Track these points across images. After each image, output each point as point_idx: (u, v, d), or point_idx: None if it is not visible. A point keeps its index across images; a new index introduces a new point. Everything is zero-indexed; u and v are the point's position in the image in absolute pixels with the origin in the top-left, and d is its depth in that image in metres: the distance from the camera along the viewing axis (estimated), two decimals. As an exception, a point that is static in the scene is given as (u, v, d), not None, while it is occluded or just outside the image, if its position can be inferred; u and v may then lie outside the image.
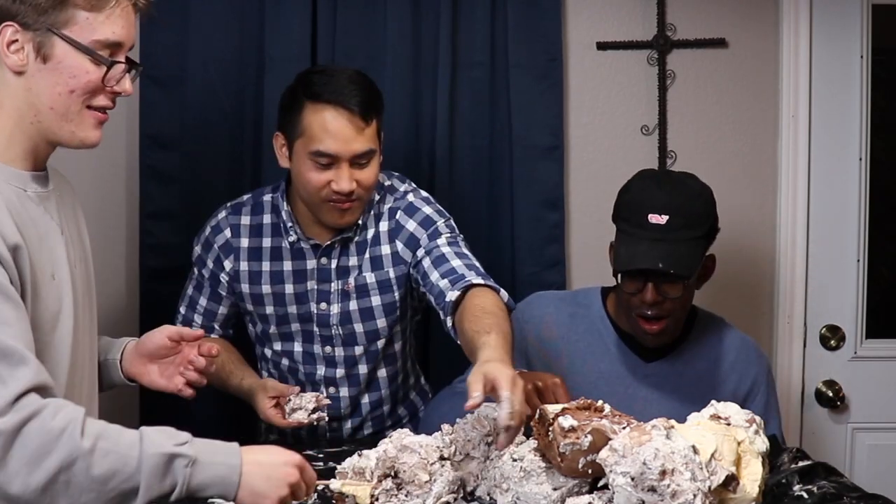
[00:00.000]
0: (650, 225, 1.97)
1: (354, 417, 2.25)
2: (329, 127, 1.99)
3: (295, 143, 2.05)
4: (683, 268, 1.95)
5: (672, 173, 2.09)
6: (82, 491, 1.28)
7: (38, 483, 1.26)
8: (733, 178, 2.74)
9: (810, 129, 2.71)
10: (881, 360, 2.77)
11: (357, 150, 2.01)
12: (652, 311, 2.01)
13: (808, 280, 2.74)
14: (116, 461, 1.30)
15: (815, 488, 1.65)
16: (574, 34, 2.70)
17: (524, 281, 2.65)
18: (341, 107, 2.00)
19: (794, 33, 2.69)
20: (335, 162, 2.01)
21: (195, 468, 1.34)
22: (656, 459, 1.36)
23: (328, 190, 2.02)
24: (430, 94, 2.61)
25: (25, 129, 1.46)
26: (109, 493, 1.30)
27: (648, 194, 2.01)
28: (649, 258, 1.95)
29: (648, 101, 2.73)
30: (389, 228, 2.16)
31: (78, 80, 1.44)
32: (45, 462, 1.27)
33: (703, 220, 2.01)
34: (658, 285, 1.98)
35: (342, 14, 2.58)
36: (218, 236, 2.19)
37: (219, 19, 2.56)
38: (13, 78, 1.44)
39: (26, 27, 1.41)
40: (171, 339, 1.71)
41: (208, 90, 2.56)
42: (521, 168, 2.64)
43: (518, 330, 2.10)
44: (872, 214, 2.74)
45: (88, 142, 1.50)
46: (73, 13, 1.42)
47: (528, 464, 1.54)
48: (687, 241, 1.97)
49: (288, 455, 1.43)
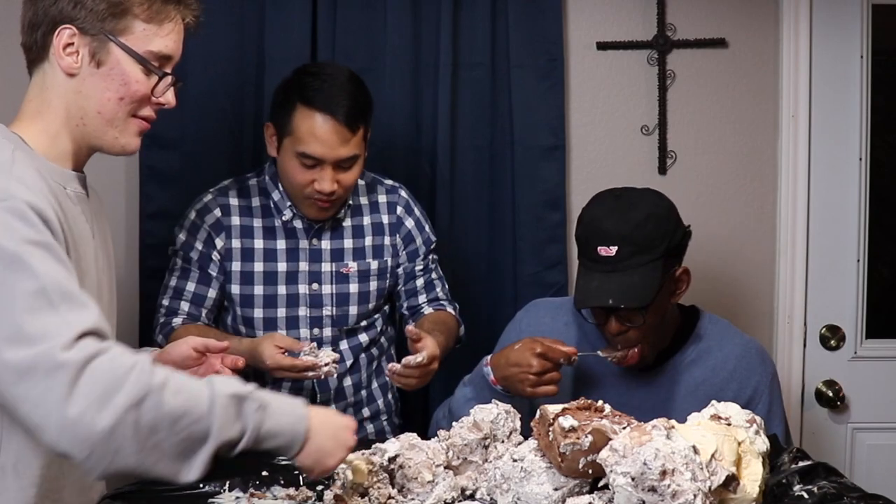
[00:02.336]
0: (601, 258, 1.94)
1: (339, 401, 2.28)
2: (317, 132, 2.09)
3: (284, 139, 2.14)
4: (635, 299, 1.91)
5: (624, 196, 2.01)
6: (151, 431, 1.24)
7: (106, 424, 1.21)
8: (733, 178, 2.74)
9: (810, 129, 2.71)
10: (881, 360, 2.77)
11: (342, 155, 2.12)
12: (621, 342, 1.99)
13: (808, 280, 2.74)
14: (188, 400, 1.27)
15: (816, 488, 1.64)
16: (574, 34, 2.70)
17: (525, 281, 2.65)
18: (329, 115, 2.09)
19: (794, 33, 2.69)
20: (319, 164, 2.11)
21: (265, 413, 1.33)
22: (657, 459, 1.36)
23: (311, 188, 2.13)
24: (430, 94, 2.61)
25: (71, 130, 1.49)
26: (179, 434, 1.26)
27: (596, 226, 1.98)
28: (600, 294, 1.93)
29: (648, 101, 2.73)
30: (390, 222, 2.31)
31: (128, 88, 1.48)
32: (114, 399, 1.22)
33: (658, 242, 1.95)
34: (620, 316, 1.96)
35: (342, 14, 2.59)
36: (207, 216, 2.22)
37: (219, 19, 2.55)
38: (65, 79, 1.47)
39: (84, 31, 1.45)
40: (196, 351, 1.72)
41: (208, 90, 2.56)
42: (521, 168, 2.64)
43: (516, 338, 2.10)
44: (872, 214, 2.75)
45: (129, 149, 1.54)
46: (131, 23, 1.46)
47: (529, 464, 1.54)
48: (640, 268, 1.92)
49: (348, 419, 1.47)
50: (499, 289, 2.69)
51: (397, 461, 1.60)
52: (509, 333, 2.18)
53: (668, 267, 1.99)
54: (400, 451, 1.61)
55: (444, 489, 1.58)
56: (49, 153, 1.48)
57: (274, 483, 1.72)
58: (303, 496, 1.65)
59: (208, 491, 1.67)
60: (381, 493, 1.57)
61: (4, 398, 1.25)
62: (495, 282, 2.69)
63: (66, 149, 1.50)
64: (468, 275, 2.64)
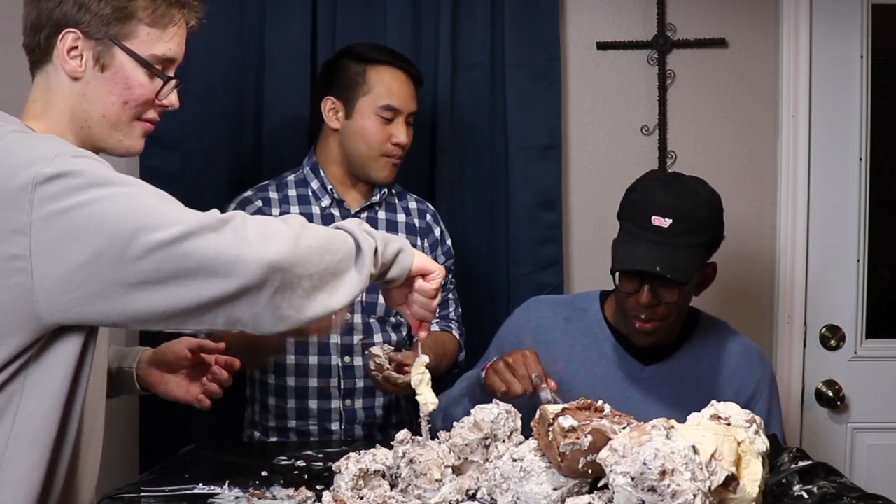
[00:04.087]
0: (652, 227, 1.95)
1: (366, 396, 2.25)
2: (394, 85, 2.23)
3: (357, 102, 2.23)
4: (681, 273, 1.93)
5: (682, 177, 2.07)
6: (321, 251, 1.38)
7: (283, 248, 1.34)
8: (733, 178, 2.74)
9: (810, 129, 2.71)
10: (881, 360, 2.77)
11: (413, 108, 2.27)
12: (646, 314, 1.99)
13: (808, 280, 2.74)
14: (325, 229, 1.44)
15: (815, 488, 1.64)
16: (574, 34, 2.70)
17: (519, 281, 2.65)
18: (401, 70, 2.25)
19: (794, 33, 2.69)
20: (396, 117, 2.23)
21: (377, 236, 1.48)
22: (656, 459, 1.36)
23: (388, 144, 2.23)
24: (429, 94, 2.61)
25: (76, 132, 1.48)
26: (341, 250, 1.41)
27: (654, 196, 1.99)
28: (648, 260, 1.93)
29: (648, 101, 2.73)
30: (420, 226, 2.36)
31: (132, 92, 1.48)
32: (281, 233, 1.35)
33: (707, 228, 1.99)
34: (654, 288, 1.96)
35: (342, 14, 2.59)
36: (247, 207, 2.22)
37: (219, 19, 2.55)
38: (69, 83, 1.46)
39: (88, 35, 1.44)
40: (191, 351, 1.71)
41: (208, 90, 2.56)
42: (518, 168, 2.64)
43: (514, 334, 2.11)
44: (872, 214, 2.75)
45: (133, 150, 1.56)
46: (136, 27, 1.46)
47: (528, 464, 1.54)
48: (688, 248, 1.95)
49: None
50: (493, 289, 2.68)
51: (407, 455, 1.60)
52: (506, 328, 2.18)
53: (707, 256, 2.03)
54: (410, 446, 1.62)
55: (450, 490, 1.58)
56: None
57: (274, 483, 1.72)
58: (303, 496, 1.65)
59: (208, 491, 1.67)
60: (378, 494, 1.57)
61: (180, 264, 1.30)
62: (490, 282, 2.68)
63: None
64: (463, 275, 2.64)
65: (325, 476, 1.73)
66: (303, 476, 1.77)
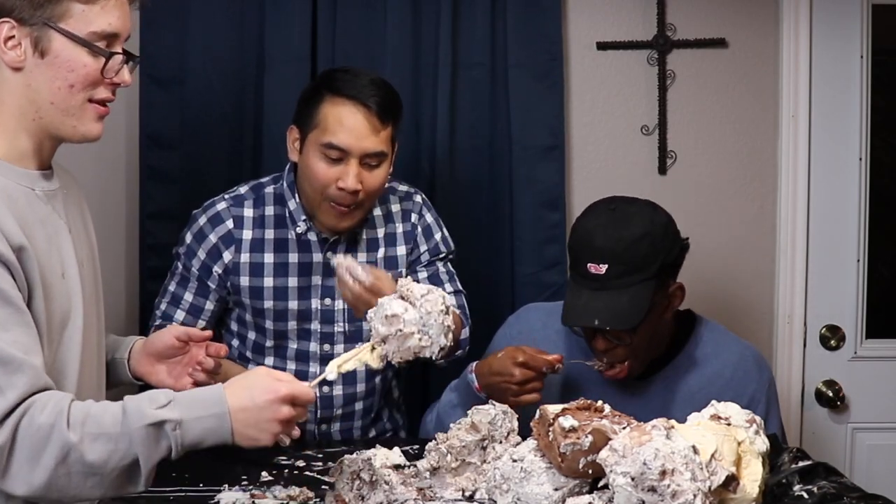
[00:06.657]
0: (590, 275, 1.89)
1: (344, 421, 2.22)
2: (344, 121, 2.00)
3: (308, 135, 2.04)
4: (625, 319, 1.86)
5: (619, 209, 1.94)
6: (84, 478, 1.33)
7: (41, 481, 1.32)
8: (733, 178, 2.74)
9: (810, 129, 2.71)
10: (881, 360, 2.77)
11: (368, 148, 2.01)
12: (608, 358, 1.95)
13: (808, 280, 2.74)
14: (107, 443, 1.33)
15: (816, 488, 1.64)
16: (574, 34, 2.70)
17: (523, 281, 2.65)
18: (360, 103, 2.01)
19: (794, 33, 2.69)
20: (345, 157, 2.01)
21: (184, 429, 1.36)
22: (656, 459, 1.36)
23: (333, 187, 2.02)
24: (430, 94, 2.61)
25: (28, 126, 1.46)
26: (112, 474, 1.34)
27: (588, 239, 1.92)
28: (588, 312, 1.88)
29: (648, 101, 2.73)
30: (405, 231, 2.21)
31: (77, 74, 1.44)
32: (41, 460, 1.31)
33: (650, 261, 1.89)
34: (607, 333, 1.91)
35: (342, 14, 2.59)
36: (218, 227, 2.13)
37: (219, 19, 2.56)
38: (12, 75, 1.44)
39: (22, 22, 1.41)
40: (178, 340, 1.70)
41: (208, 90, 2.56)
42: (520, 168, 2.64)
43: (505, 344, 2.06)
44: (872, 214, 2.74)
45: (90, 136, 1.49)
46: (68, 6, 1.42)
47: (529, 464, 1.54)
48: (630, 288, 1.87)
49: (272, 391, 1.42)
50: (497, 289, 2.68)
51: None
52: (500, 339, 2.15)
53: (661, 285, 1.94)
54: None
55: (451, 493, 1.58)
56: (9, 155, 1.45)
57: (274, 483, 1.72)
58: (303, 496, 1.65)
59: (209, 492, 1.67)
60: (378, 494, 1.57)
61: None
62: (493, 282, 2.68)
63: (27, 148, 1.47)
64: (466, 275, 2.63)
65: (325, 476, 1.73)
66: (303, 476, 1.77)
